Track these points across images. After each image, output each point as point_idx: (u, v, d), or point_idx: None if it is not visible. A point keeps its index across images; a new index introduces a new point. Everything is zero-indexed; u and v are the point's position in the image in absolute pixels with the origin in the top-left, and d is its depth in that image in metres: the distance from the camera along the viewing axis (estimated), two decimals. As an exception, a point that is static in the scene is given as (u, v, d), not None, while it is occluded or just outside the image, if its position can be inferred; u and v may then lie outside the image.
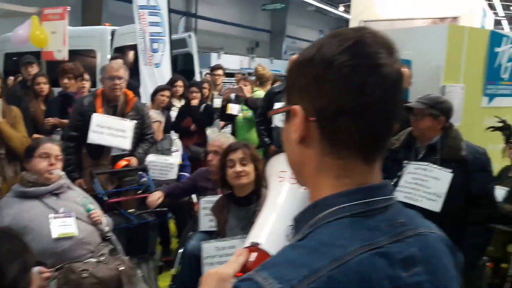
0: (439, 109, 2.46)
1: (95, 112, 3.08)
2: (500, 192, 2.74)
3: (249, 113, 4.54)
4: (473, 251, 2.43)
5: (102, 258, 2.25)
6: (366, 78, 0.65)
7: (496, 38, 3.63)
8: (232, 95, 4.78)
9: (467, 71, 3.55)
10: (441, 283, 0.69)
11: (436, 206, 2.33)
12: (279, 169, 1.12)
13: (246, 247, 1.02)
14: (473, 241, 2.39)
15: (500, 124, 3.45)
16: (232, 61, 12.09)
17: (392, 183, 2.50)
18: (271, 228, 1.08)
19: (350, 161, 0.68)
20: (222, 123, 5.01)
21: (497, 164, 3.20)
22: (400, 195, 2.45)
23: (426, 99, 2.47)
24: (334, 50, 0.66)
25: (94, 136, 3.03)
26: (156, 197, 2.94)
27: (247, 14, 17.40)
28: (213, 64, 7.93)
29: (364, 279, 0.60)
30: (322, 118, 0.67)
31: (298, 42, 19.69)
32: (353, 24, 5.90)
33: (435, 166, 2.43)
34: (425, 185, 2.40)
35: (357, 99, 0.65)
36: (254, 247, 1.02)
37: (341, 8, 14.96)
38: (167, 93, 4.33)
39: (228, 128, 4.98)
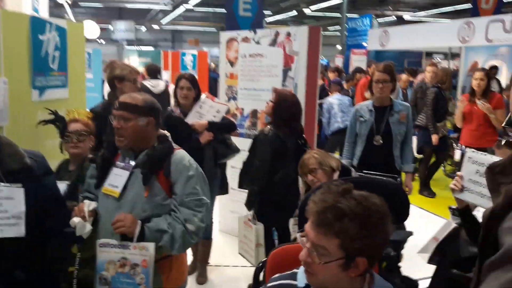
0: None
1: None
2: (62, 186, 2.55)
3: None
4: None
5: None
6: None
7: (38, 25, 3.28)
8: None
9: (9, 61, 3.06)
10: None
11: (20, 230, 1.92)
12: None
13: None
14: None
15: (52, 117, 3.21)
16: None
17: None
18: None
19: None
20: None
21: (56, 161, 2.98)
22: None
23: None
24: None
25: None
26: None
27: None
28: None
29: None
30: None
31: None
32: None
33: (1, 184, 1.93)
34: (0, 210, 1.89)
35: None
36: None
37: None
38: None
39: None
